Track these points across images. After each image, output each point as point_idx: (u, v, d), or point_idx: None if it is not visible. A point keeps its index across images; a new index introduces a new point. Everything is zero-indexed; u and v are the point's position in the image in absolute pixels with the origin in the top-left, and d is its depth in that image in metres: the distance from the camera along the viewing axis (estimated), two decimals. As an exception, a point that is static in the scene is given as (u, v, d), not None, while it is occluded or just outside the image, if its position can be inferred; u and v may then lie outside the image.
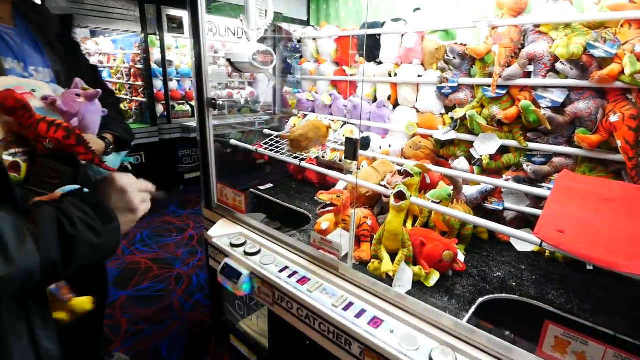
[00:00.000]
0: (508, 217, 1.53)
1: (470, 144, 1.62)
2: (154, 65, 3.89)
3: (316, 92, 2.21)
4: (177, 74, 4.37)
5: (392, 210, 1.22)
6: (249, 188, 2.12)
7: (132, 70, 4.13)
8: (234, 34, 3.92)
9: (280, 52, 2.44)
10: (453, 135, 1.63)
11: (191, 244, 3.13)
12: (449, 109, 1.70)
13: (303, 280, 1.23)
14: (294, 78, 2.61)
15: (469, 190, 1.55)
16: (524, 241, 1.05)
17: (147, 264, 2.77)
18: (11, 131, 0.86)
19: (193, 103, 4.24)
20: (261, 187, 2.14)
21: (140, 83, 4.06)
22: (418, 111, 1.81)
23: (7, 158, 0.84)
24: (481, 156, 1.56)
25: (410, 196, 1.23)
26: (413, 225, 1.48)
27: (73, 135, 0.89)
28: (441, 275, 1.23)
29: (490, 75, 1.50)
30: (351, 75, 2.01)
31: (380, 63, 1.90)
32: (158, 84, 4.03)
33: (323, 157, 1.90)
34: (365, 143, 1.88)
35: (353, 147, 1.14)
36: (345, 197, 1.36)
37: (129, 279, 2.57)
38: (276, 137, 1.84)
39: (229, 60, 1.57)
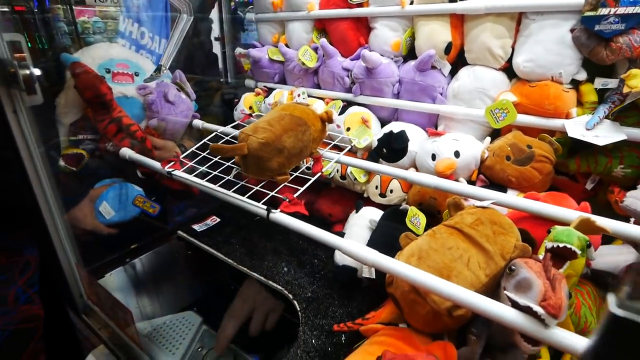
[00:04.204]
0: None
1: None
2: None
3: (287, 45, 1.17)
4: None
5: None
6: (174, 232, 1.11)
7: None
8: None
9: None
10: (617, 132, 0.71)
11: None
12: (599, 70, 0.75)
13: None
14: (245, 34, 1.55)
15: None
16: None
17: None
18: (86, 114, 0.84)
19: None
20: (197, 227, 1.14)
21: None
22: (514, 77, 0.86)
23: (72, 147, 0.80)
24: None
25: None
26: None
27: (137, 148, 0.88)
28: None
29: None
30: (358, 4, 0.99)
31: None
32: None
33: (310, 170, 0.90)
34: (400, 146, 0.91)
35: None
36: None
37: None
38: (210, 150, 0.80)
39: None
